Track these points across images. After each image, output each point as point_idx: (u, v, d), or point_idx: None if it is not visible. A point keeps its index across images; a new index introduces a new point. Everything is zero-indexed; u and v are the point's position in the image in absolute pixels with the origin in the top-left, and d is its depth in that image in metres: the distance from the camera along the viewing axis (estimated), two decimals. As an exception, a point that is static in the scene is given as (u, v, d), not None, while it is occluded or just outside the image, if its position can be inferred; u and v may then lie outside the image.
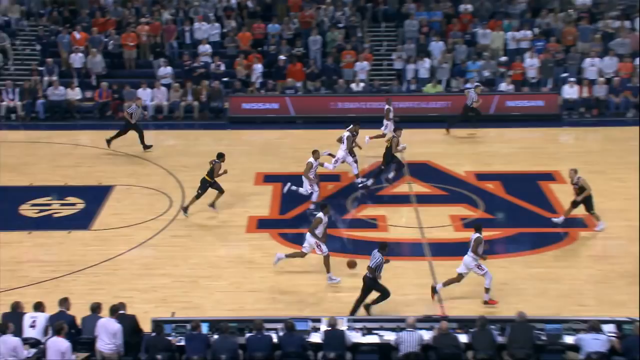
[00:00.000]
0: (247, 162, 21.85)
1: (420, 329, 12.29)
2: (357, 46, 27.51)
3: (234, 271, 15.97)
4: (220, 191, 18.36)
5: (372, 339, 12.42)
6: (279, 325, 12.33)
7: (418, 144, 23.21)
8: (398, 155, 19.75)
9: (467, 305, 14.26)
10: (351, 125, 19.92)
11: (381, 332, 12.52)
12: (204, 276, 15.69)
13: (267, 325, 12.31)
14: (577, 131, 23.61)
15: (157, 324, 12.20)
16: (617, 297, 14.46)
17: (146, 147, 22.50)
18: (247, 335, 12.16)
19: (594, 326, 11.96)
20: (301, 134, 23.70)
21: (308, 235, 15.37)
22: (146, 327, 12.45)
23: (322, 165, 19.03)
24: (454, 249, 16.62)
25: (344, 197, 19.51)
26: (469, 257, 14.49)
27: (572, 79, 25.46)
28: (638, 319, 12.21)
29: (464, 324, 12.50)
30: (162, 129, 25.23)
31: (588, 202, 17.09)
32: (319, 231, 15.28)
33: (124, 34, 27.63)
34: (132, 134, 22.27)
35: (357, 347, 12.22)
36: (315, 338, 12.31)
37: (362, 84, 26.32)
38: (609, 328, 12.23)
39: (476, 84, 24.60)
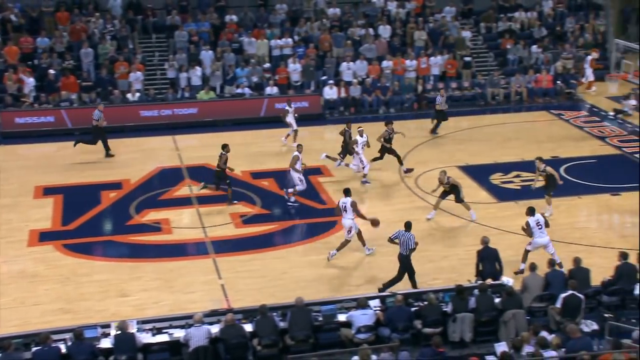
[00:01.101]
0: (24, 176, 20.55)
1: (208, 323, 12.25)
2: (130, 57, 26.79)
3: (16, 287, 14.94)
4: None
5: (162, 338, 12.19)
6: (68, 335, 11.72)
7: (195, 148, 23.14)
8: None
9: (251, 296, 14.40)
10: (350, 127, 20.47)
11: (170, 331, 12.32)
12: (-15, 295, 14.53)
13: (56, 337, 11.66)
14: (339, 128, 24.56)
15: None
16: (380, 274, 15.26)
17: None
18: (34, 349, 11.43)
19: (362, 303, 12.60)
20: (81, 146, 22.54)
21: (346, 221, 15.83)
22: None
23: (347, 165, 20.11)
24: (235, 245, 16.81)
25: (127, 204, 18.94)
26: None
27: (331, 81, 26.56)
28: (399, 293, 13.03)
29: (249, 314, 12.63)
30: None
31: (457, 194, 17.63)
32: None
33: None
34: None
35: (148, 347, 11.93)
36: (106, 344, 11.85)
37: (137, 94, 25.68)
38: (375, 303, 12.92)
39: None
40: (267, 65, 27.29)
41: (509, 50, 29.12)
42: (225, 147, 18.86)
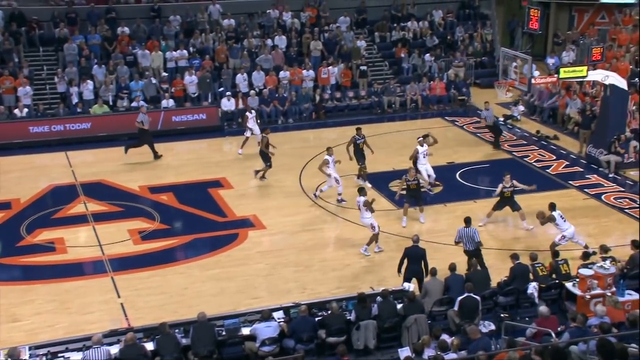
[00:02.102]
0: None
1: (108, 344, 11.89)
2: (15, 71, 25.77)
3: None
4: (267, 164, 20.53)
5: (57, 363, 11.74)
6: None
7: (90, 164, 22.49)
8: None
9: (152, 314, 14.09)
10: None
11: (67, 354, 11.89)
12: None
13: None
14: (237, 139, 24.51)
15: None
16: (283, 286, 15.29)
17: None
18: None
19: (266, 315, 12.56)
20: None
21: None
22: None
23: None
24: (134, 262, 16.41)
25: (17, 224, 18.18)
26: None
27: (228, 93, 26.41)
28: (302, 303, 13.05)
29: (150, 332, 12.35)
30: None
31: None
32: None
33: None
34: None
35: (43, 373, 11.46)
36: (-4, 373, 11.32)
37: (26, 109, 24.72)
38: (279, 315, 12.90)
39: (141, 103, 24.53)
40: (164, 74, 26.88)
41: (403, 59, 29.83)
42: (264, 129, 21.44)
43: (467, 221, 15.25)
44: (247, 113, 23.37)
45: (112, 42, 27.75)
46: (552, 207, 16.08)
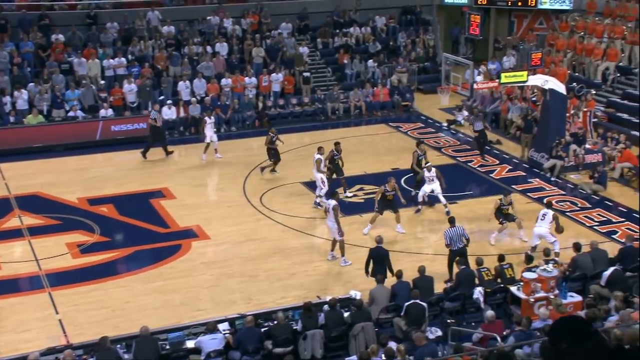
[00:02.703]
0: None
1: (46, 362, 11.63)
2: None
3: None
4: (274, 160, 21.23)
5: (-6, 383, 11.43)
6: None
7: (24, 176, 21.99)
8: None
9: (92, 329, 13.82)
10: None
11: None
12: None
13: None
14: (179, 148, 24.31)
15: None
16: (228, 297, 15.22)
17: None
18: None
19: (211, 327, 12.46)
20: None
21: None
22: None
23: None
24: (73, 276, 16.11)
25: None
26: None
27: (169, 101, 26.15)
28: (248, 314, 13.00)
29: (89, 348, 12.12)
30: None
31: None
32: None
33: None
34: None
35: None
36: None
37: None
38: (224, 327, 12.81)
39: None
40: (102, 82, 26.50)
41: (346, 65, 30.03)
42: (270, 129, 22.05)
43: (452, 221, 15.54)
44: (206, 118, 23.17)
45: (46, 49, 27.21)
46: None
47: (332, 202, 16.40)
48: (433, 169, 19.17)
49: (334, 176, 20.04)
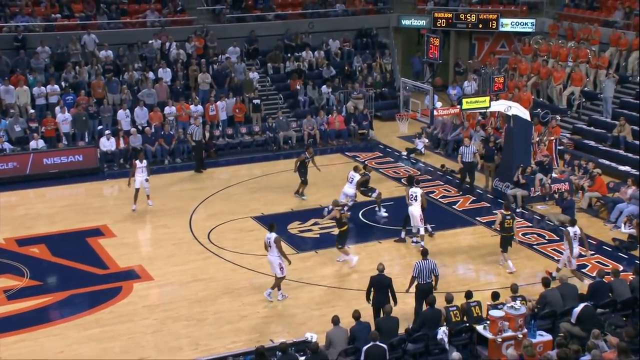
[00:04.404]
0: None
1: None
2: None
3: None
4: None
5: None
6: None
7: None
8: None
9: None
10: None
11: None
12: None
13: None
14: (120, 182, 24.09)
15: None
16: (174, 342, 15.03)
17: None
18: None
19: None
20: None
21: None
22: None
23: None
24: None
25: None
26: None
27: (108, 132, 25.95)
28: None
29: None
30: None
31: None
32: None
33: None
34: None
35: None
36: None
37: None
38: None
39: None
40: (32, 112, 26.20)
41: (298, 91, 30.25)
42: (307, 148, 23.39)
43: (425, 253, 15.66)
44: (136, 162, 22.04)
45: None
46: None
47: (273, 235, 16.46)
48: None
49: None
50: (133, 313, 16.28)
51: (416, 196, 19.07)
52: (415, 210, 19.08)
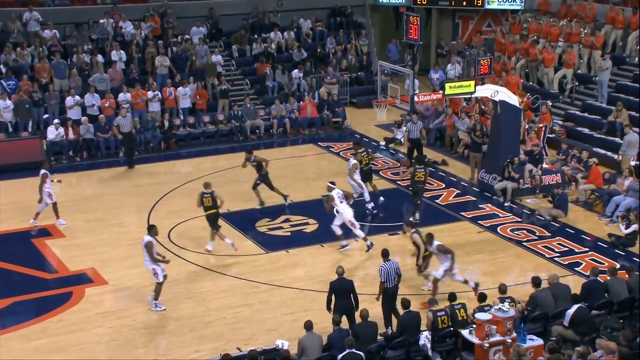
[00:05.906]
0: None
1: None
2: None
3: None
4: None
5: None
6: None
7: None
8: None
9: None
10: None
11: None
12: None
13: None
14: (70, 177, 23.93)
15: None
16: (131, 352, 15.00)
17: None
18: None
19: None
20: None
21: None
22: None
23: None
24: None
25: None
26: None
27: (55, 121, 25.75)
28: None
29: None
30: None
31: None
32: None
33: None
34: None
35: None
36: None
37: None
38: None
39: None
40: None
41: (267, 75, 30.19)
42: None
43: (386, 254, 15.63)
44: (44, 171, 20.45)
45: None
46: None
47: (146, 238, 16.49)
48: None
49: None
50: (85, 321, 16.21)
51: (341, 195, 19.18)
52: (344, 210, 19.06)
